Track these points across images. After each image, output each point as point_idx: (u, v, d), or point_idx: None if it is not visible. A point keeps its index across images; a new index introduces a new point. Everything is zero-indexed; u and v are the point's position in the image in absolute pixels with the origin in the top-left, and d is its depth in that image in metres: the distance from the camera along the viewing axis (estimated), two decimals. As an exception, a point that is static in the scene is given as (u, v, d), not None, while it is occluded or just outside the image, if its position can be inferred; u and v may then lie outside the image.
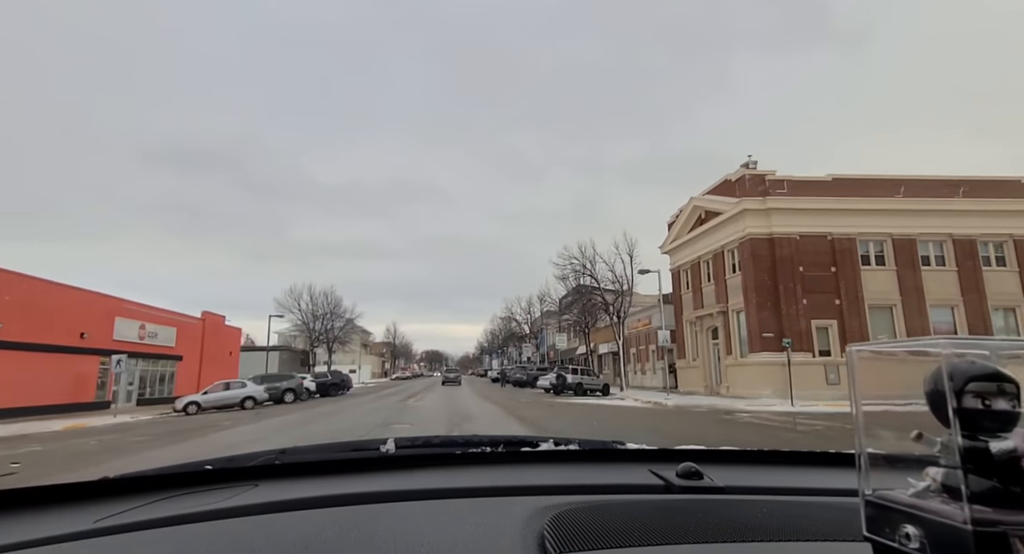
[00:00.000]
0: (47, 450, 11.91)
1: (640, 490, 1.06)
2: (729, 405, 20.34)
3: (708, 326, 28.47)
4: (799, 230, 23.95)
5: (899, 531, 0.48)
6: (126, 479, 1.12)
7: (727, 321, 26.38)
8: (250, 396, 24.80)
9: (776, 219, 23.98)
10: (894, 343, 0.55)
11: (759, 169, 24.90)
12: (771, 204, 23.89)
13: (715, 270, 27.50)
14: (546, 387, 33.50)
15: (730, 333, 26.08)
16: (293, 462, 1.29)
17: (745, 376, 24.07)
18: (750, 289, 24.11)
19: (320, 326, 55.05)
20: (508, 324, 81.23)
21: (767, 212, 24.03)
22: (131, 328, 28.88)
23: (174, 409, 23.50)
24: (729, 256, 26.54)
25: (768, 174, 24.55)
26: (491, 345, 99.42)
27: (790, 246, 23.86)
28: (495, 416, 17.15)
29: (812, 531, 0.78)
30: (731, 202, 25.11)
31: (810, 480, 1.19)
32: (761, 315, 23.56)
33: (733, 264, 26.24)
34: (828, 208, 23.90)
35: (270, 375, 29.70)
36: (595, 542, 0.73)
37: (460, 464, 1.30)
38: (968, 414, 0.47)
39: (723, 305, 26.54)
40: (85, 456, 10.74)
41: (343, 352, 71.20)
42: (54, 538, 0.83)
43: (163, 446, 11.83)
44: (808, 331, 23.17)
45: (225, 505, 0.95)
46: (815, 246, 23.86)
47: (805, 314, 23.30)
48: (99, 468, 8.84)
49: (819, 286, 23.57)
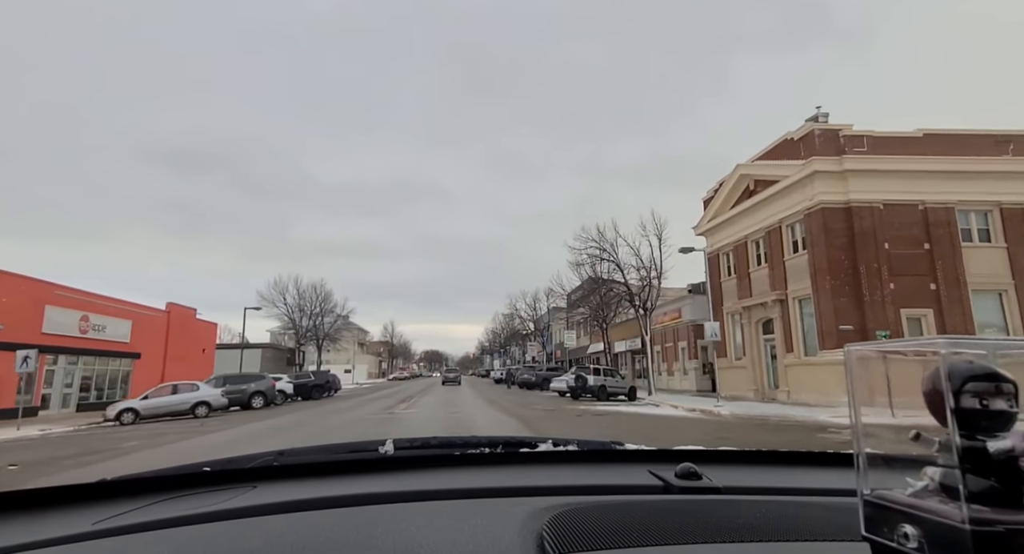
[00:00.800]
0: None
1: (639, 491, 1.06)
2: (806, 415, 15.69)
3: (758, 318, 23.79)
4: (883, 197, 19.29)
5: (897, 531, 0.49)
6: (124, 481, 1.11)
7: (786, 311, 21.73)
8: (203, 401, 20.18)
9: (855, 184, 19.32)
10: (892, 343, 0.55)
11: (831, 123, 20.25)
12: (849, 165, 19.22)
13: (770, 250, 22.82)
14: (561, 390, 28.89)
15: (790, 326, 21.42)
16: (291, 464, 1.27)
17: (813, 379, 19.42)
18: (821, 271, 19.47)
19: (308, 322, 50.36)
20: (511, 321, 76.50)
21: (843, 175, 19.37)
22: (68, 319, 24.20)
23: (104, 418, 18.89)
24: (789, 232, 21.87)
25: (843, 129, 19.87)
26: (493, 344, 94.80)
27: (872, 217, 19.21)
28: (510, 432, 12.60)
29: (811, 531, 0.78)
30: (795, 165, 20.45)
31: (809, 480, 1.18)
32: (836, 303, 18.91)
33: (795, 241, 21.58)
34: (919, 170, 19.24)
35: (235, 375, 25.06)
36: (594, 543, 0.73)
37: (459, 465, 1.29)
38: (966, 414, 0.47)
39: (780, 292, 21.88)
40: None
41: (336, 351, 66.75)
42: (52, 540, 0.82)
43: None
44: (897, 322, 18.55)
45: (223, 507, 0.95)
46: (903, 217, 19.20)
47: (893, 301, 18.67)
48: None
49: (909, 267, 18.92)
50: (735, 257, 25.62)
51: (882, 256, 18.94)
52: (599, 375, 26.13)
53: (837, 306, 18.88)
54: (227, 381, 23.70)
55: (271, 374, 30.70)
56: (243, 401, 23.61)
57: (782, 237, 22.09)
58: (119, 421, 18.51)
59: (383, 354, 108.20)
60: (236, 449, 10.26)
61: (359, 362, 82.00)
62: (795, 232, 21.51)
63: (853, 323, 18.57)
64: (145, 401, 19.46)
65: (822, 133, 19.83)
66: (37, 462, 10.05)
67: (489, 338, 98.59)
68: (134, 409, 18.96)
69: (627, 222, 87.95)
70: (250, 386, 24.05)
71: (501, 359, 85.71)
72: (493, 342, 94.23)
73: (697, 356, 30.63)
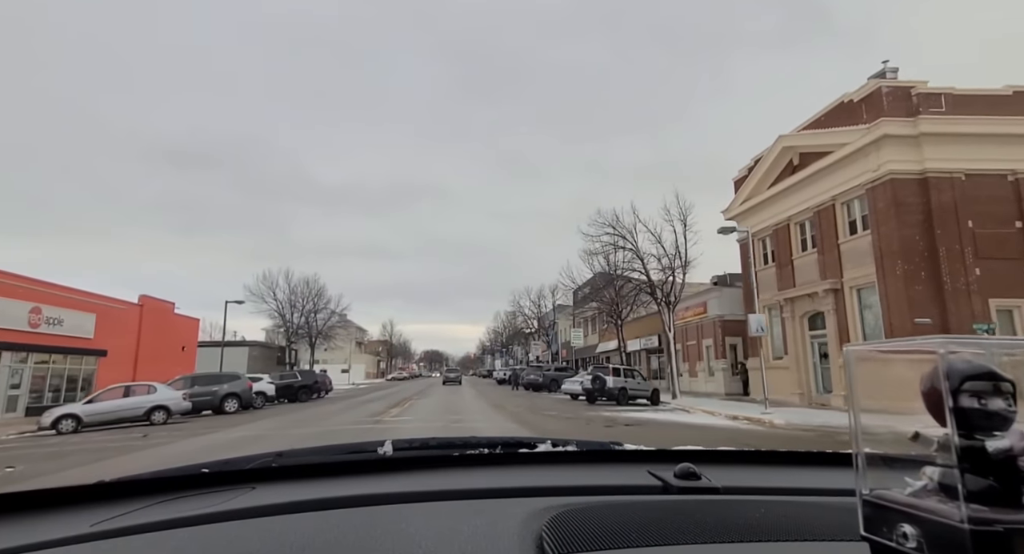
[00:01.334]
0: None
1: (638, 491, 1.05)
2: (877, 423, 12.71)
3: (804, 311, 20.76)
4: (965, 166, 16.26)
5: (896, 530, 0.49)
6: (122, 483, 1.10)
7: (840, 303, 18.70)
8: (160, 406, 17.18)
9: (931, 150, 16.29)
10: (891, 343, 0.55)
11: (900, 80, 17.23)
12: (925, 128, 16.18)
13: (820, 232, 19.78)
14: (574, 392, 25.88)
15: (846, 320, 18.39)
16: (290, 465, 1.25)
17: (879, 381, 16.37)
18: (890, 254, 16.44)
19: (300, 318, 47.34)
20: (514, 319, 73.40)
21: (917, 141, 16.34)
22: (15, 310, 21.20)
23: (39, 426, 15.87)
24: (844, 211, 18.84)
25: (916, 85, 16.83)
26: (494, 343, 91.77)
27: (952, 190, 16.18)
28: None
29: (810, 531, 0.77)
30: (855, 131, 17.41)
31: (807, 480, 1.18)
32: (910, 292, 15.89)
33: (852, 221, 18.56)
34: (1009, 133, 16.22)
35: (205, 375, 22.06)
36: (593, 543, 0.73)
37: (458, 466, 1.28)
38: (964, 413, 0.47)
39: (834, 280, 18.85)
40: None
41: (333, 350, 63.79)
42: (51, 542, 0.81)
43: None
44: (985, 314, 15.53)
45: (222, 508, 0.94)
46: (990, 189, 16.18)
47: (979, 290, 15.65)
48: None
49: (999, 249, 15.90)
50: (775, 242, 22.57)
51: (965, 236, 15.92)
52: (619, 376, 23.07)
53: (911, 296, 15.86)
54: (195, 382, 20.69)
55: (250, 374, 27.80)
56: (214, 405, 20.65)
57: (836, 217, 19.05)
58: (56, 430, 15.51)
59: (382, 354, 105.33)
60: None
61: (357, 362, 79.17)
62: (853, 210, 18.48)
63: (931, 315, 15.55)
64: (89, 406, 16.45)
65: (891, 91, 16.78)
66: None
67: (490, 337, 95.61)
68: (75, 415, 15.94)
69: (639, 213, 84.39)
70: (222, 387, 21.03)
71: (503, 359, 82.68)
72: (494, 341, 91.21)
73: (725, 355, 27.60)
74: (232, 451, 10.16)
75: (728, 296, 27.98)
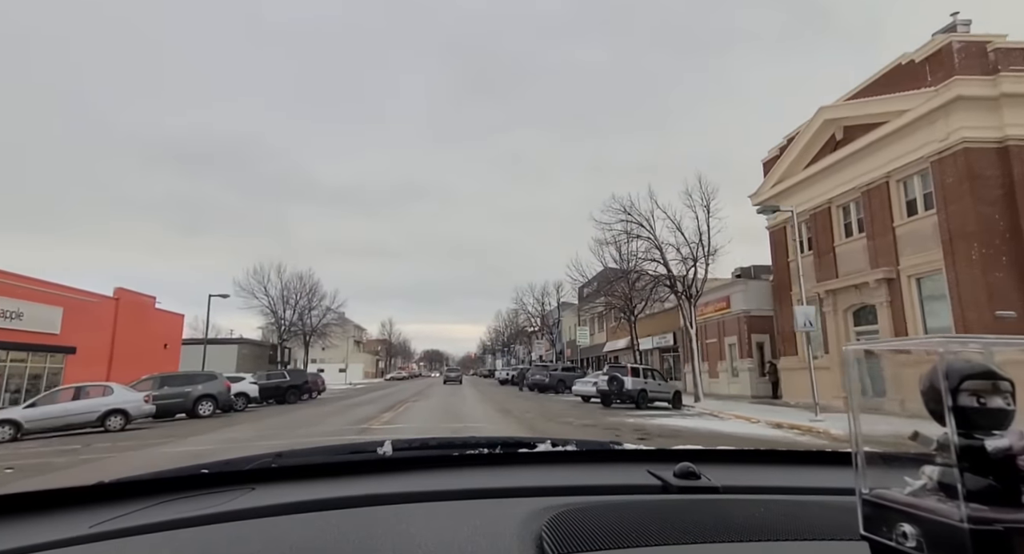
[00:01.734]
0: None
1: (638, 491, 1.05)
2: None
3: (848, 305, 18.46)
4: (1053, 133, 13.98)
5: (896, 530, 0.49)
6: (121, 484, 1.09)
7: (895, 294, 16.40)
8: (116, 409, 14.90)
9: (1013, 114, 13.99)
10: (890, 342, 0.56)
11: (972, 35, 14.92)
12: (1007, 88, 13.87)
13: (870, 215, 17.47)
14: (586, 394, 23.60)
15: (903, 314, 16.09)
16: (290, 465, 1.24)
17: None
18: (962, 237, 14.15)
19: (293, 315, 45.04)
20: (516, 317, 71.09)
21: (997, 103, 14.04)
22: (-38, 301, 18.97)
23: (-29, 434, 13.61)
24: (901, 189, 16.54)
25: (992, 40, 14.54)
26: (495, 342, 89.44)
27: (1037, 161, 13.91)
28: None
29: (809, 530, 0.77)
30: (918, 96, 15.11)
31: (807, 479, 1.17)
32: (989, 280, 13.60)
33: (910, 201, 16.26)
34: (1104, 95, 13.95)
35: (176, 375, 19.75)
36: (593, 543, 0.72)
37: (458, 466, 1.27)
38: (964, 412, 0.48)
39: (888, 268, 16.56)
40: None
41: (330, 348, 61.56)
42: (49, 544, 0.80)
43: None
44: (1079, 306, 13.26)
45: (222, 509, 0.94)
46: (1082, 160, 13.90)
47: (1071, 276, 13.38)
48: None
49: (1093, 229, 13.62)
50: (813, 228, 20.26)
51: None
52: (638, 376, 20.76)
53: (990, 284, 13.57)
54: (165, 382, 18.41)
55: (238, 373, 25.55)
56: (187, 408, 18.40)
57: (890, 196, 16.75)
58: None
59: (381, 353, 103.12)
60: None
61: (355, 361, 76.98)
62: (912, 188, 16.17)
63: (1016, 307, 13.26)
64: (32, 410, 14.17)
65: (963, 46, 14.47)
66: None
67: (492, 336, 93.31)
68: (14, 421, 13.68)
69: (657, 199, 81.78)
70: (196, 388, 18.75)
71: (504, 358, 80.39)
72: (496, 340, 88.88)
73: (750, 354, 25.29)
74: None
75: (754, 289, 25.67)
